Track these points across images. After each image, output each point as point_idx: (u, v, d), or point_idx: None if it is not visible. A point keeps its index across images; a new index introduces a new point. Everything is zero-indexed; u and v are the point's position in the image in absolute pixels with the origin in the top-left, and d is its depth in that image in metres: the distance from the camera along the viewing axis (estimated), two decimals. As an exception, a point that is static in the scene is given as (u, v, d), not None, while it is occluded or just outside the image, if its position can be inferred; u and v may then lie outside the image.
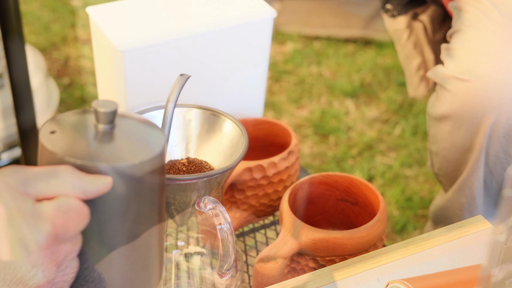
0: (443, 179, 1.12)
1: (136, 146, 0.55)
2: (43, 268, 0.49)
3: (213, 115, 0.78)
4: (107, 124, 0.54)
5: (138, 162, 0.53)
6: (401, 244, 0.75)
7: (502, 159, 1.01)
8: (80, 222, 0.51)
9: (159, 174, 0.56)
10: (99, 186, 0.51)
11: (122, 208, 0.54)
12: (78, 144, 0.54)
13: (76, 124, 0.56)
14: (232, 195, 0.93)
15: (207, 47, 0.96)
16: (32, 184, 0.50)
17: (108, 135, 0.54)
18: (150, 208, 0.56)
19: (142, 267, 0.57)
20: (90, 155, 0.52)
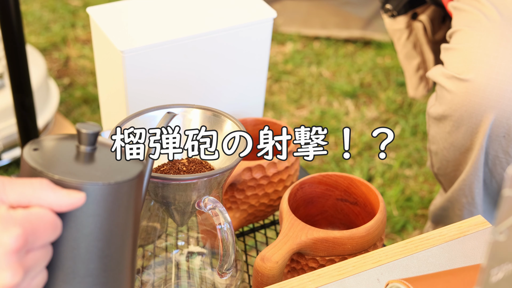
0: (442, 179, 1.12)
1: (115, 168, 0.56)
2: (9, 271, 0.49)
3: (213, 115, 0.79)
4: (88, 145, 0.56)
5: (113, 182, 0.54)
6: (401, 244, 0.75)
7: (502, 158, 1.01)
8: (51, 232, 0.52)
9: (135, 198, 0.57)
10: (72, 200, 0.52)
11: (94, 227, 0.54)
12: (58, 161, 0.55)
13: (59, 144, 0.57)
14: (232, 195, 0.93)
15: (207, 48, 0.96)
16: (7, 192, 0.51)
17: (88, 156, 0.56)
18: (123, 230, 0.57)
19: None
20: (68, 172, 0.53)
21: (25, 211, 0.50)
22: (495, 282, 0.49)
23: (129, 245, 0.58)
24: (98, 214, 0.54)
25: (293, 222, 0.80)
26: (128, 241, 0.58)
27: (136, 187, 0.57)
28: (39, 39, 2.05)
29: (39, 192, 0.51)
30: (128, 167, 0.57)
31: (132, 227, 0.58)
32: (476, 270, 0.65)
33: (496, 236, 0.47)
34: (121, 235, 0.57)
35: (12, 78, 1.22)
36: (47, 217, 0.51)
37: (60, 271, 0.54)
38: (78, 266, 0.54)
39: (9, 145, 1.53)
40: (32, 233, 0.50)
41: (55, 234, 0.52)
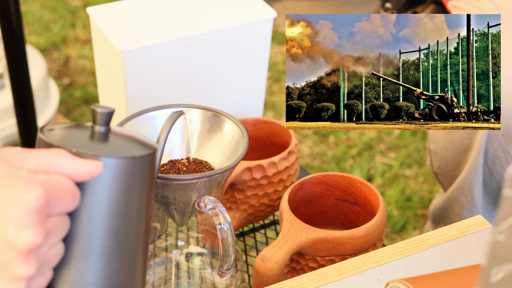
0: (442, 178, 1.12)
1: (130, 147, 0.57)
2: (32, 229, 0.49)
3: (213, 115, 0.79)
4: (103, 125, 0.57)
5: (130, 156, 0.55)
6: (401, 244, 0.75)
7: (501, 157, 1.01)
8: (70, 200, 0.52)
9: (149, 177, 0.58)
10: (91, 168, 0.53)
11: (110, 201, 0.55)
12: (74, 139, 0.56)
13: (74, 127, 0.58)
14: (232, 195, 0.93)
15: (207, 48, 0.96)
16: (26, 161, 0.52)
17: (103, 136, 0.57)
18: (139, 208, 0.57)
19: (125, 269, 0.57)
20: (85, 147, 0.54)
21: (46, 175, 0.51)
22: (495, 282, 0.49)
23: (143, 226, 0.58)
24: (115, 189, 0.54)
25: (293, 222, 0.80)
26: (143, 222, 0.58)
27: (150, 165, 0.57)
28: (39, 39, 2.05)
29: (57, 160, 0.52)
30: (142, 147, 0.57)
31: (146, 208, 0.58)
32: (476, 270, 0.65)
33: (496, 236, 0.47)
34: (137, 214, 0.57)
35: (12, 78, 1.22)
36: (66, 184, 0.51)
37: (76, 248, 0.54)
38: (94, 243, 0.54)
39: (9, 145, 1.53)
40: (53, 195, 0.50)
41: (74, 203, 0.52)
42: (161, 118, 0.78)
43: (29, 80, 1.23)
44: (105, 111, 0.56)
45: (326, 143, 1.71)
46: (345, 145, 1.70)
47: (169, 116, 0.69)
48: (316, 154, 1.68)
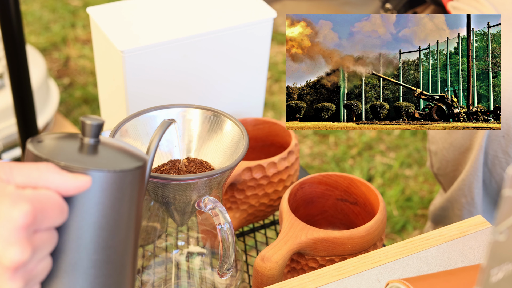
0: (442, 179, 1.12)
1: (118, 160, 0.57)
2: (19, 246, 0.48)
3: (213, 115, 0.79)
4: (92, 137, 0.56)
5: (119, 170, 0.54)
6: (401, 244, 0.75)
7: (501, 158, 1.01)
8: (58, 215, 0.52)
9: (138, 189, 0.57)
10: (79, 183, 0.52)
11: (99, 215, 0.54)
12: (62, 152, 0.55)
13: (63, 138, 0.58)
14: (232, 195, 0.93)
15: (207, 48, 0.96)
16: (14, 175, 0.51)
17: (92, 148, 0.56)
18: (127, 221, 0.57)
19: (113, 282, 0.57)
20: (73, 160, 0.54)
21: (34, 191, 0.50)
22: (495, 282, 0.49)
23: (132, 238, 0.58)
24: (103, 202, 0.54)
25: (293, 222, 0.80)
26: (131, 234, 0.58)
27: (139, 178, 0.57)
28: (39, 39, 2.05)
29: (45, 175, 0.52)
30: (131, 159, 0.57)
31: (135, 220, 0.58)
32: (476, 270, 0.65)
33: (496, 236, 0.47)
34: (125, 227, 0.57)
35: (12, 78, 1.22)
36: (54, 199, 0.51)
37: (63, 261, 0.54)
38: (82, 256, 0.54)
39: (9, 145, 1.53)
40: (40, 211, 0.50)
41: (61, 218, 0.52)
42: (161, 118, 0.78)
43: (29, 80, 1.23)
44: (94, 123, 0.56)
45: (326, 143, 1.71)
46: (345, 145, 1.70)
47: (159, 125, 0.69)
48: (316, 154, 1.68)
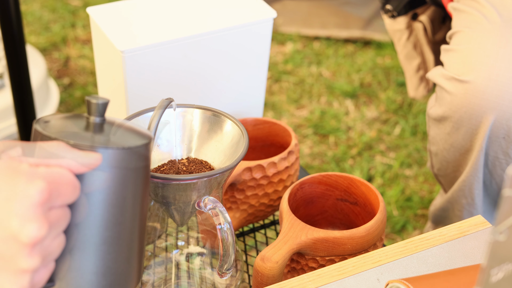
0: (442, 180, 1.12)
1: (125, 137, 0.58)
2: (36, 222, 0.49)
3: (213, 115, 0.79)
4: (98, 116, 0.57)
5: (127, 147, 0.55)
6: (401, 244, 0.75)
7: (501, 160, 1.01)
8: (71, 192, 0.52)
9: (144, 167, 0.58)
10: (90, 160, 0.53)
11: (109, 192, 0.55)
12: (70, 131, 0.56)
13: (69, 118, 0.59)
14: (232, 195, 0.93)
15: (207, 48, 0.96)
16: (27, 154, 0.52)
17: (98, 126, 0.57)
18: (135, 198, 0.58)
19: (123, 258, 0.58)
20: (82, 139, 0.55)
21: (47, 168, 0.51)
22: (495, 282, 0.49)
23: (139, 215, 0.59)
24: (113, 179, 0.55)
25: (293, 222, 0.80)
26: (138, 210, 0.59)
27: (146, 154, 0.58)
28: (39, 39, 2.05)
29: (57, 153, 0.52)
30: (137, 137, 0.58)
31: (142, 197, 0.59)
32: (476, 270, 0.65)
33: (496, 236, 0.47)
34: (133, 203, 0.58)
35: (12, 78, 1.22)
36: (67, 176, 0.52)
37: (76, 239, 0.55)
38: (94, 233, 0.55)
39: (9, 145, 1.53)
40: (55, 188, 0.51)
41: (74, 195, 0.53)
42: (161, 118, 0.78)
43: (29, 80, 1.23)
44: (100, 102, 0.57)
45: (326, 143, 1.71)
46: (345, 145, 1.70)
47: (158, 104, 0.69)
48: (316, 154, 1.68)
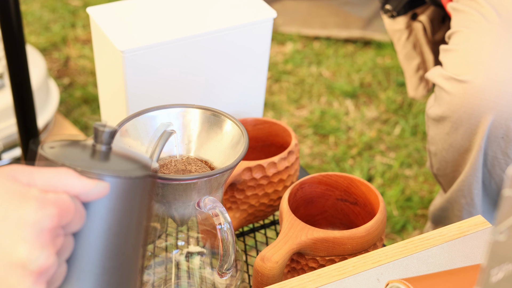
0: (442, 180, 1.12)
1: (130, 166, 0.57)
2: (45, 251, 0.48)
3: (213, 115, 0.79)
4: (105, 144, 0.57)
5: (134, 176, 0.55)
6: (401, 244, 0.75)
7: (500, 160, 1.01)
8: (78, 220, 0.52)
9: (149, 196, 0.58)
10: (98, 188, 0.52)
11: (113, 221, 0.55)
12: (76, 158, 0.56)
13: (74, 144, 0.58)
14: (232, 195, 0.93)
15: (207, 48, 0.96)
16: (35, 180, 0.51)
17: (105, 154, 0.57)
18: (139, 227, 0.57)
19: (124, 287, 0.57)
20: (88, 166, 0.54)
21: (56, 195, 0.50)
22: (495, 282, 0.49)
23: (141, 245, 0.59)
24: (118, 208, 0.55)
25: (293, 222, 0.80)
26: (141, 240, 0.58)
27: (151, 184, 0.58)
28: (39, 39, 2.05)
29: (65, 180, 0.52)
30: (141, 166, 0.58)
31: (145, 227, 0.59)
32: (476, 270, 0.65)
33: (496, 236, 0.47)
34: (136, 233, 0.57)
35: (12, 78, 1.22)
36: (74, 204, 0.51)
37: (77, 268, 0.54)
38: (96, 263, 0.54)
39: (9, 145, 1.53)
40: (63, 215, 0.50)
41: (80, 223, 0.52)
42: (161, 118, 0.78)
43: (29, 80, 1.23)
44: (108, 130, 0.56)
45: (326, 143, 1.71)
46: (345, 145, 1.70)
47: (160, 136, 0.69)
48: (316, 154, 1.68)
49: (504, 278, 0.49)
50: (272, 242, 0.78)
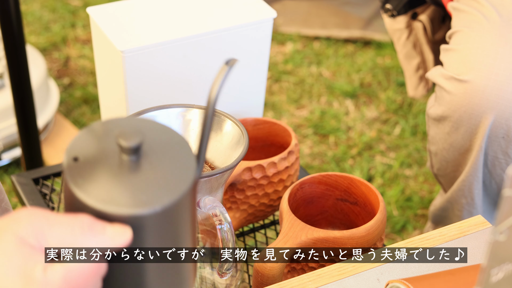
0: (442, 180, 1.12)
1: (164, 182, 0.49)
2: None
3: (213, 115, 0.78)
4: (131, 155, 0.49)
5: (160, 209, 0.47)
6: (401, 244, 0.75)
7: (501, 159, 1.01)
8: (94, 283, 0.47)
9: (186, 215, 0.50)
10: (116, 243, 0.47)
11: (143, 260, 0.49)
12: (99, 178, 0.49)
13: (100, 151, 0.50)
14: (232, 195, 0.93)
15: (207, 48, 0.96)
16: (47, 238, 0.47)
17: (133, 166, 0.49)
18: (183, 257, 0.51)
19: None
20: (111, 199, 0.47)
21: (64, 269, 0.46)
22: (495, 282, 0.49)
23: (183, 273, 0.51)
24: (148, 244, 0.48)
25: (293, 222, 0.80)
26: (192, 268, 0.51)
27: (190, 199, 0.50)
28: (39, 39, 2.05)
29: (80, 239, 0.47)
30: (182, 170, 0.49)
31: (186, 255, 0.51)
32: (476, 270, 0.65)
33: (496, 236, 0.47)
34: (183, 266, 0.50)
35: (12, 78, 1.22)
36: (88, 269, 0.47)
37: None
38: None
39: (9, 145, 1.53)
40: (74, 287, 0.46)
41: (98, 283, 0.48)
42: (161, 118, 0.78)
43: (29, 80, 1.23)
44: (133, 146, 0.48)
45: (326, 143, 1.71)
46: (345, 145, 1.70)
47: (221, 68, 0.53)
48: (316, 154, 1.68)
49: (504, 278, 0.49)
50: (272, 242, 0.78)
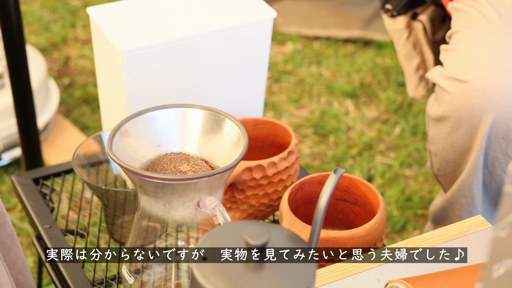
0: (442, 180, 1.12)
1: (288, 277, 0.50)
2: None
3: (213, 115, 0.79)
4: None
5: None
6: (400, 244, 0.75)
7: (501, 160, 1.01)
8: None
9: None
10: None
11: None
12: (227, 281, 0.50)
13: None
14: (232, 195, 0.93)
15: (207, 48, 0.96)
16: None
17: (257, 267, 0.51)
18: None
19: None
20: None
21: None
22: (496, 277, 0.49)
23: None
24: None
25: (293, 222, 0.80)
26: None
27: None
28: (39, 39, 2.05)
29: None
30: (299, 280, 0.50)
31: None
32: (476, 270, 0.65)
33: (497, 232, 0.47)
34: None
35: (12, 78, 1.22)
36: None
37: None
38: None
39: (9, 145, 1.53)
40: None
41: None
42: (161, 118, 0.78)
43: (29, 80, 1.23)
44: (259, 244, 0.49)
45: (326, 143, 1.71)
46: (345, 145, 1.70)
47: (330, 176, 0.60)
48: (316, 154, 1.68)
49: (505, 273, 0.50)
50: (272, 242, 0.78)
